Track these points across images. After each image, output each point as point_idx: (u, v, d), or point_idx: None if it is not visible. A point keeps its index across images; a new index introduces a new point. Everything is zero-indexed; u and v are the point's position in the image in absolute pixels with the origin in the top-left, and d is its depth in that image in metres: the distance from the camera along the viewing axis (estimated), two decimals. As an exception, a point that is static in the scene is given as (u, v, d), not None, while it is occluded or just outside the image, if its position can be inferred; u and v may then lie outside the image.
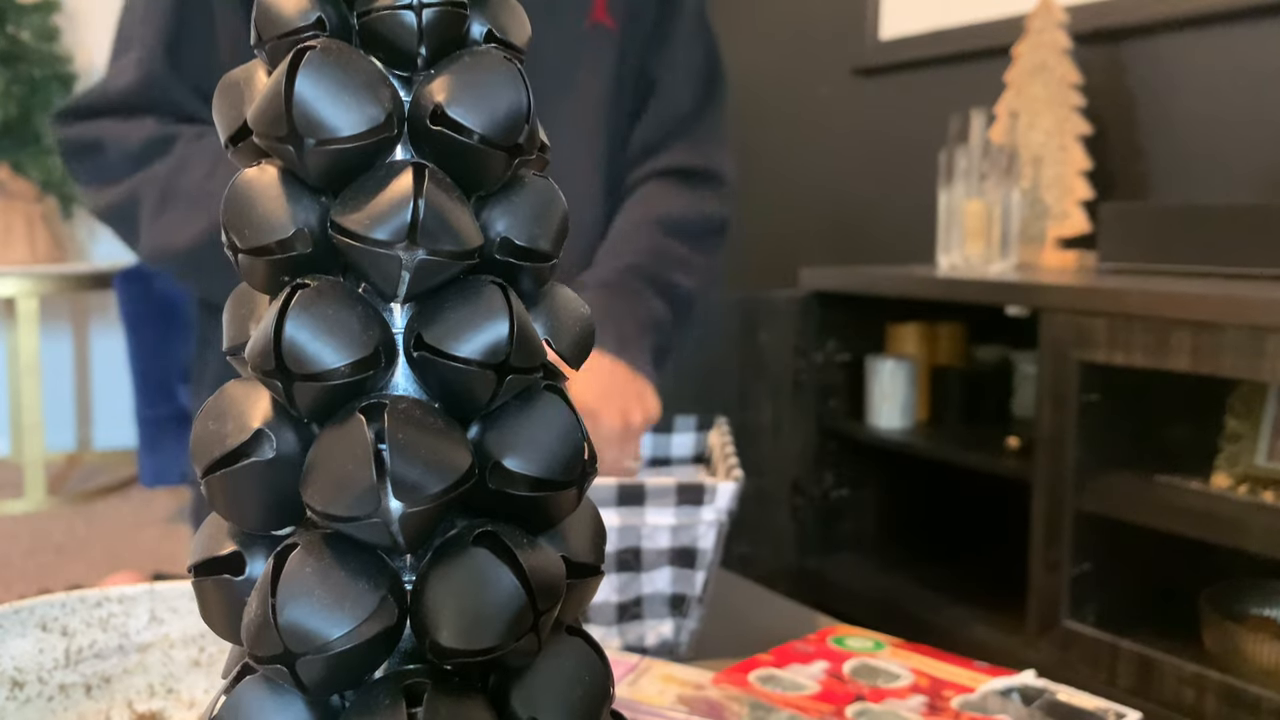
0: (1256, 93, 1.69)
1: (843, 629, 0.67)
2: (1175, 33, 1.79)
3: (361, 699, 0.25)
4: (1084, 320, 1.40)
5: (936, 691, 0.57)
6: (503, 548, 0.26)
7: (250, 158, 0.28)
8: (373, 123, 0.26)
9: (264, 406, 0.26)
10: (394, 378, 0.27)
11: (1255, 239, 1.44)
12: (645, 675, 0.59)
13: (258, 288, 0.28)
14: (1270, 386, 1.42)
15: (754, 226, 2.75)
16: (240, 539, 0.27)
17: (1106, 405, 1.43)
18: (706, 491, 0.68)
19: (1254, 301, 1.22)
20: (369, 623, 0.24)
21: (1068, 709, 0.56)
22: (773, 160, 2.69)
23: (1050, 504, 1.46)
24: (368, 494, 0.24)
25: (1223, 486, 1.40)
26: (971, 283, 1.62)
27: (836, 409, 1.94)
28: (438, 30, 0.27)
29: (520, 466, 0.26)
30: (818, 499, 1.95)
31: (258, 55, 0.29)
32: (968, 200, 1.78)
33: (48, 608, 0.49)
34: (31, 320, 3.00)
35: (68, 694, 0.48)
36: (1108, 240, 1.61)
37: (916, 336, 1.94)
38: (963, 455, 1.71)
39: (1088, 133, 1.80)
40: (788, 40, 2.63)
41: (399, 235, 0.25)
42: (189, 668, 0.51)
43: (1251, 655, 1.29)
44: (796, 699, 0.56)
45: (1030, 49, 1.84)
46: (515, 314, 0.26)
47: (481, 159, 0.27)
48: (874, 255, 2.34)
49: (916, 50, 2.25)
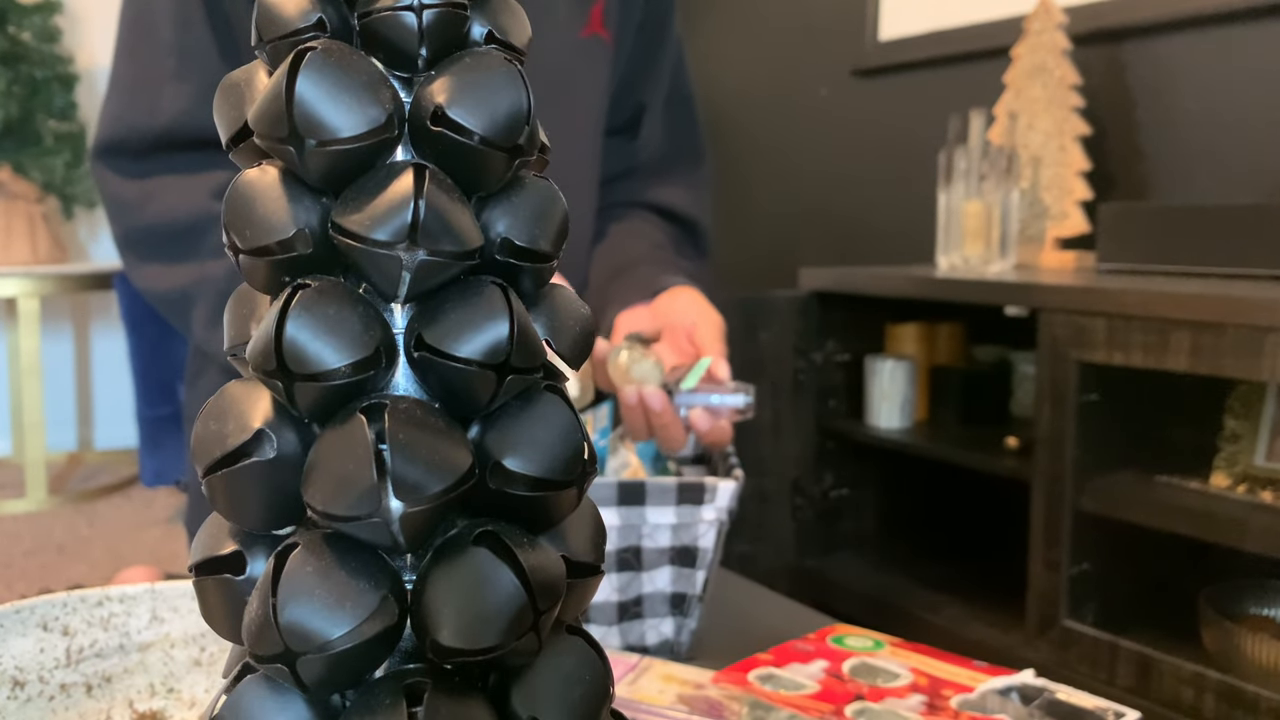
0: (1256, 93, 1.69)
1: (842, 628, 0.67)
2: (1174, 33, 1.79)
3: (362, 698, 0.25)
4: (1083, 320, 1.40)
5: (936, 691, 0.57)
6: (503, 547, 0.26)
7: (251, 158, 0.28)
8: (373, 123, 0.26)
9: (265, 406, 0.26)
10: (395, 378, 0.27)
11: (1254, 239, 1.44)
12: (645, 674, 0.59)
13: (258, 288, 0.28)
14: (1269, 386, 1.42)
15: (754, 226, 2.75)
16: (241, 538, 0.27)
17: (1106, 405, 1.43)
18: (707, 491, 0.68)
19: (1253, 301, 1.22)
20: (369, 622, 0.24)
21: (1067, 708, 0.56)
22: (773, 160, 2.69)
23: (1049, 504, 1.46)
24: (368, 494, 0.24)
25: (1222, 486, 1.40)
26: (971, 283, 1.62)
27: (836, 409, 1.94)
28: (438, 31, 0.27)
29: (520, 466, 0.26)
30: (817, 498, 1.95)
31: (259, 56, 0.29)
32: (967, 201, 1.78)
33: (49, 607, 0.49)
34: (33, 320, 3.00)
35: (69, 693, 0.48)
36: (1107, 240, 1.61)
37: (916, 336, 1.94)
38: (962, 455, 1.71)
39: (1087, 133, 1.80)
40: (788, 40, 2.63)
41: (399, 236, 0.25)
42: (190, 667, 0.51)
43: (1250, 655, 1.29)
44: (796, 698, 0.56)
45: (1029, 50, 1.84)
46: (515, 314, 0.26)
47: (482, 160, 0.27)
48: (874, 255, 2.34)
49: (916, 51, 2.25)
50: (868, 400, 1.90)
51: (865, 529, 2.01)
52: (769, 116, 2.70)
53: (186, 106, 0.82)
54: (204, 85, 0.82)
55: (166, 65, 0.83)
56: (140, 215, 0.83)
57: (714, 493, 0.68)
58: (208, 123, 0.82)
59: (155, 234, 0.83)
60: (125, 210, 0.84)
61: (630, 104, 1.04)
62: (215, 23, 0.83)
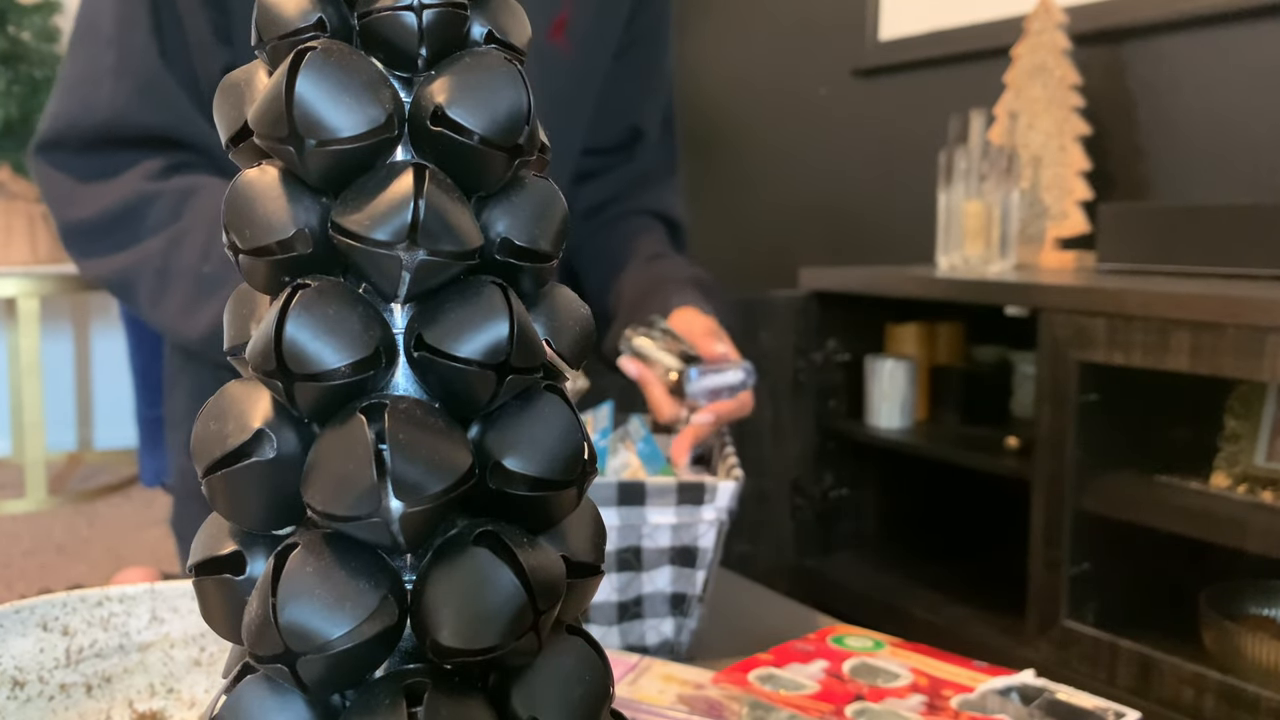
0: (1256, 93, 1.69)
1: (842, 628, 0.67)
2: (1174, 33, 1.79)
3: (362, 698, 0.25)
4: (1083, 320, 1.40)
5: (936, 691, 0.57)
6: (503, 547, 0.26)
7: (251, 158, 0.28)
8: (373, 123, 0.26)
9: (265, 406, 0.26)
10: (394, 378, 0.27)
11: (1254, 239, 1.44)
12: (645, 675, 0.59)
13: (258, 288, 0.28)
14: (1269, 386, 1.42)
15: (754, 226, 2.75)
16: (241, 538, 0.27)
17: (1106, 405, 1.43)
18: (707, 491, 0.68)
19: (1253, 301, 1.22)
20: (369, 622, 0.24)
21: (1067, 708, 0.56)
22: (773, 160, 2.69)
23: (1050, 504, 1.46)
24: (368, 494, 0.24)
25: (1222, 486, 1.40)
26: (971, 283, 1.62)
27: (836, 409, 1.94)
28: (438, 31, 0.27)
29: (520, 466, 0.26)
30: (817, 499, 1.95)
31: (259, 56, 0.29)
32: (967, 201, 1.78)
33: (49, 607, 0.49)
34: (32, 320, 3.00)
35: (68, 693, 0.48)
36: (1107, 240, 1.61)
37: (916, 336, 1.94)
38: (962, 455, 1.71)
39: (1087, 133, 1.80)
40: (788, 40, 2.63)
41: (399, 236, 0.25)
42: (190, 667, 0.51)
43: (1251, 655, 1.29)
44: (796, 698, 0.56)
45: (1029, 50, 1.84)
46: (515, 314, 0.26)
47: (482, 159, 0.27)
48: (874, 255, 2.34)
49: (916, 51, 2.25)
50: (868, 400, 1.90)
51: (865, 529, 2.01)
52: (769, 116, 2.70)
53: (124, 103, 0.82)
54: (141, 84, 0.82)
55: (106, 61, 0.82)
56: (77, 211, 0.84)
57: (714, 493, 0.68)
58: (145, 121, 0.83)
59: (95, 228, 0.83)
60: (62, 205, 0.85)
61: (622, 126, 1.06)
62: (160, 22, 0.82)
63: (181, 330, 0.82)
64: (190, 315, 0.80)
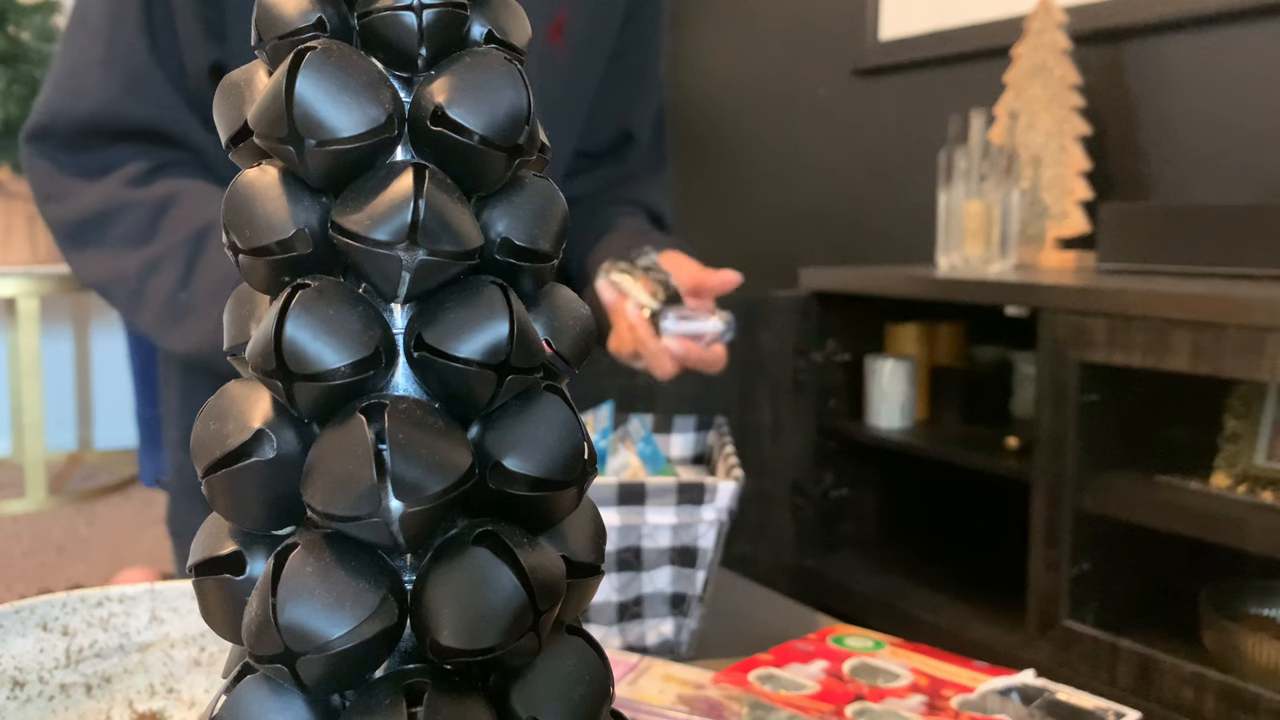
0: (1256, 93, 1.69)
1: (842, 628, 0.67)
2: (1174, 33, 1.79)
3: (362, 698, 0.25)
4: (1083, 320, 1.40)
5: (936, 691, 0.57)
6: (503, 547, 0.26)
7: (251, 158, 0.28)
8: (373, 123, 0.26)
9: (264, 406, 0.26)
10: (394, 378, 0.27)
11: (1254, 239, 1.44)
12: (645, 675, 0.59)
13: (258, 288, 0.28)
14: (1269, 386, 1.42)
15: (754, 226, 2.75)
16: (241, 539, 0.27)
17: (1106, 405, 1.43)
18: (707, 491, 0.68)
19: (1253, 301, 1.22)
20: (369, 622, 0.24)
21: (1067, 709, 0.56)
22: (773, 160, 2.69)
23: (1050, 504, 1.46)
24: (368, 494, 0.24)
25: (1222, 486, 1.40)
26: (971, 283, 1.62)
27: (836, 409, 1.94)
28: (438, 31, 0.27)
29: (520, 466, 0.26)
30: (817, 499, 1.95)
31: (258, 55, 0.29)
32: (967, 201, 1.78)
33: (48, 607, 0.49)
34: (32, 320, 3.00)
35: (68, 693, 0.48)
36: (1107, 240, 1.61)
37: (916, 336, 1.94)
38: (962, 455, 1.71)
39: (1087, 133, 1.80)
40: (788, 40, 2.63)
41: (399, 235, 0.25)
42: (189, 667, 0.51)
43: (1251, 655, 1.29)
44: (796, 698, 0.56)
45: (1030, 50, 1.84)
46: (515, 314, 0.26)
47: (482, 159, 0.27)
48: (874, 255, 2.34)
49: (916, 51, 2.25)
50: (868, 400, 1.90)
51: (865, 529, 2.01)
52: (769, 116, 2.70)
53: (111, 96, 0.82)
54: (129, 78, 0.82)
55: (95, 54, 0.82)
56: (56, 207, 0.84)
57: (714, 493, 0.68)
58: (132, 114, 0.82)
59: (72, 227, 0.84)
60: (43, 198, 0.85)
61: (612, 130, 1.06)
62: (151, 16, 0.82)
63: (164, 343, 0.82)
64: (167, 336, 0.81)
